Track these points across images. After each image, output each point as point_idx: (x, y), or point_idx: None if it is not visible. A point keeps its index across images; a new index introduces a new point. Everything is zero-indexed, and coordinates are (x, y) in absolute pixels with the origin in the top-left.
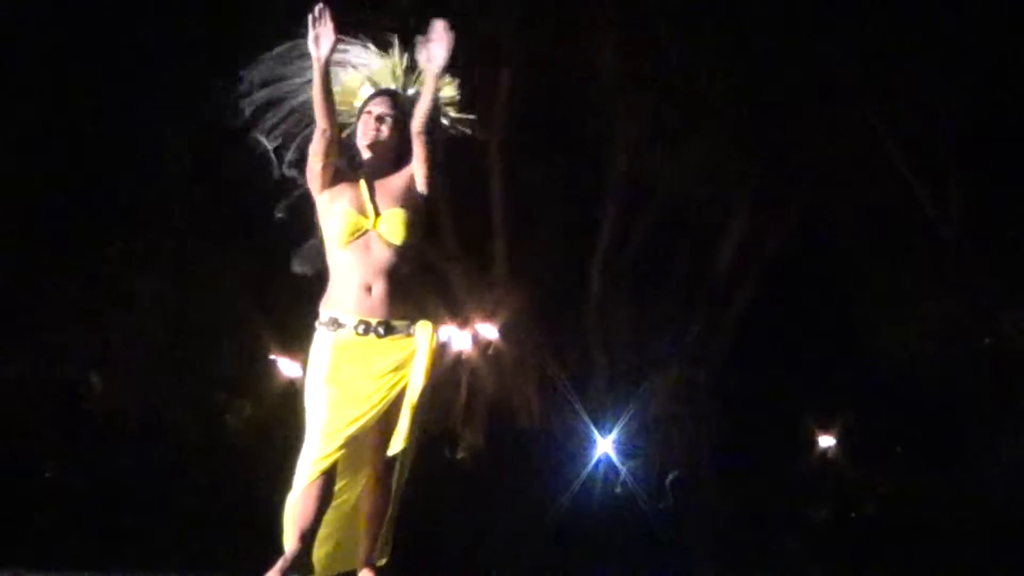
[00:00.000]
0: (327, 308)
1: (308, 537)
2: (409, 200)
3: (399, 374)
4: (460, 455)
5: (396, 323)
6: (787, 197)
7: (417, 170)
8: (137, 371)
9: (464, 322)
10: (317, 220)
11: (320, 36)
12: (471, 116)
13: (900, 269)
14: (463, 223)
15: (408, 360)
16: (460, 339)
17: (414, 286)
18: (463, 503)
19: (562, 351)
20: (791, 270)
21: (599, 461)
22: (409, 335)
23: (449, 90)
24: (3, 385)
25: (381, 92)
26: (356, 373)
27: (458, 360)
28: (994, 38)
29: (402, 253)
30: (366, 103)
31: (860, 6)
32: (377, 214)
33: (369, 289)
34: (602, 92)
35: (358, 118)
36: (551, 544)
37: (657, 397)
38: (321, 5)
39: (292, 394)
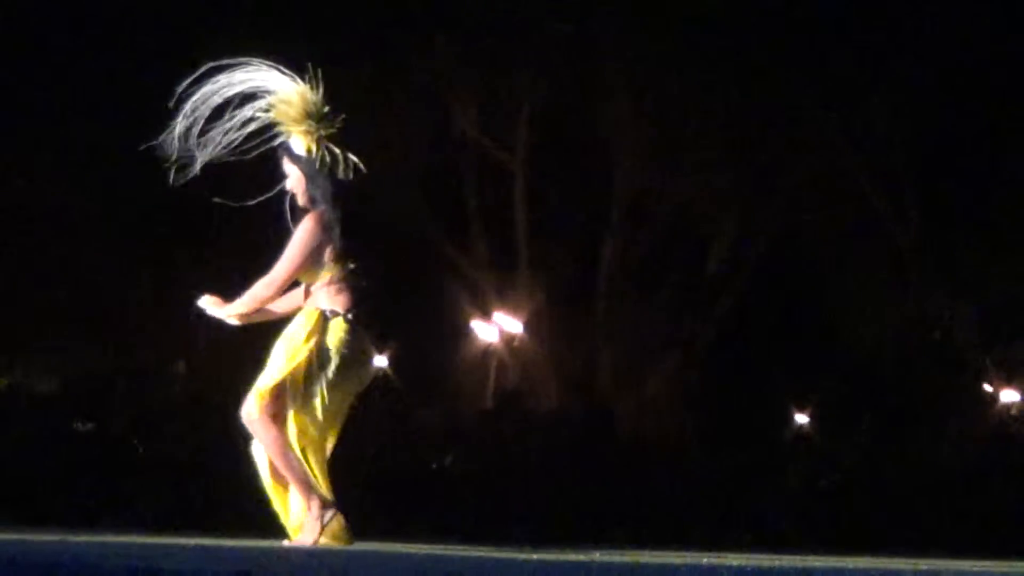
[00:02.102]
0: None
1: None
2: None
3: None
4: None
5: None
6: (767, 211)
7: None
8: (214, 358)
9: (491, 318)
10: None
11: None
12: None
13: (865, 273)
14: (491, 232)
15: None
16: (488, 332)
17: (316, 295)
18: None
19: (575, 341)
20: (772, 273)
21: (606, 435)
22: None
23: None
24: (103, 373)
25: (280, 151)
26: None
27: (486, 350)
28: (944, 65)
29: (309, 287)
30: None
31: (825, 44)
32: None
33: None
34: (610, 121)
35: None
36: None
37: (655, 380)
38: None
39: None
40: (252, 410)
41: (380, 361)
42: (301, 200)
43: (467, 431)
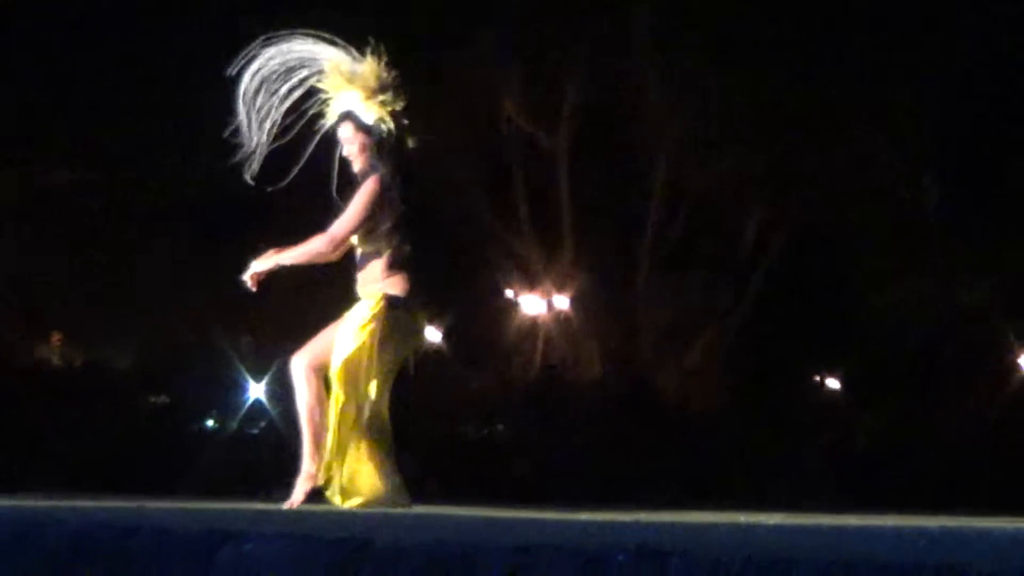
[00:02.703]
0: None
1: None
2: None
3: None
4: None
5: (362, 293)
6: (798, 189)
7: None
8: (273, 336)
9: (541, 293)
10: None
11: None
12: (397, 103)
13: (889, 253)
14: (537, 213)
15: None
16: (535, 306)
17: (375, 271)
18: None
19: (617, 317)
20: (803, 248)
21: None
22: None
23: (374, 83)
24: (171, 350)
25: (338, 119)
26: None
27: (534, 324)
28: (967, 54)
29: (364, 248)
30: (334, 127)
31: (851, 34)
32: None
33: (355, 272)
34: (649, 109)
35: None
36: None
37: (692, 352)
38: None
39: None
40: (303, 361)
41: (434, 334)
42: (359, 166)
43: (516, 400)
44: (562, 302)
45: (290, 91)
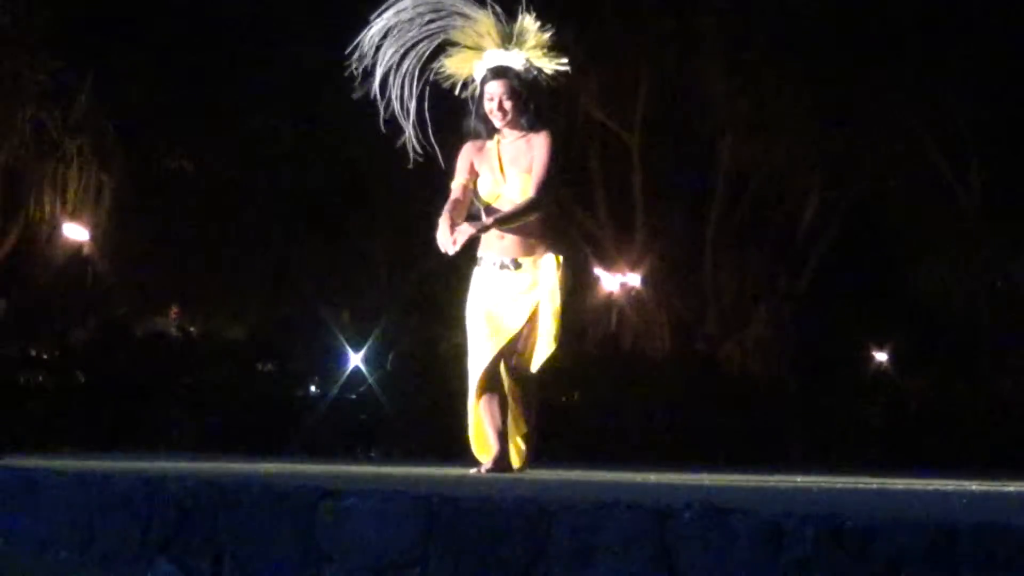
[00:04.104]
0: (479, 249)
1: (488, 446)
2: (528, 172)
3: (529, 298)
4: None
5: (522, 260)
6: (850, 177)
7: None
8: (369, 311)
9: (614, 271)
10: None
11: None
12: (561, 60)
13: (935, 230)
14: (612, 198)
15: (534, 287)
16: (610, 283)
17: (539, 230)
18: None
19: (686, 294)
20: (855, 231)
21: (713, 374)
22: (536, 269)
23: (536, 39)
24: (278, 322)
25: (494, 74)
26: (494, 301)
27: (609, 300)
28: (1007, 50)
29: None
30: (483, 85)
31: (900, 31)
32: (505, 180)
33: (503, 236)
34: (714, 100)
35: (480, 94)
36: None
37: (755, 325)
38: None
39: None
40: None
41: None
42: (516, 122)
43: (592, 370)
44: (634, 280)
45: (426, 42)
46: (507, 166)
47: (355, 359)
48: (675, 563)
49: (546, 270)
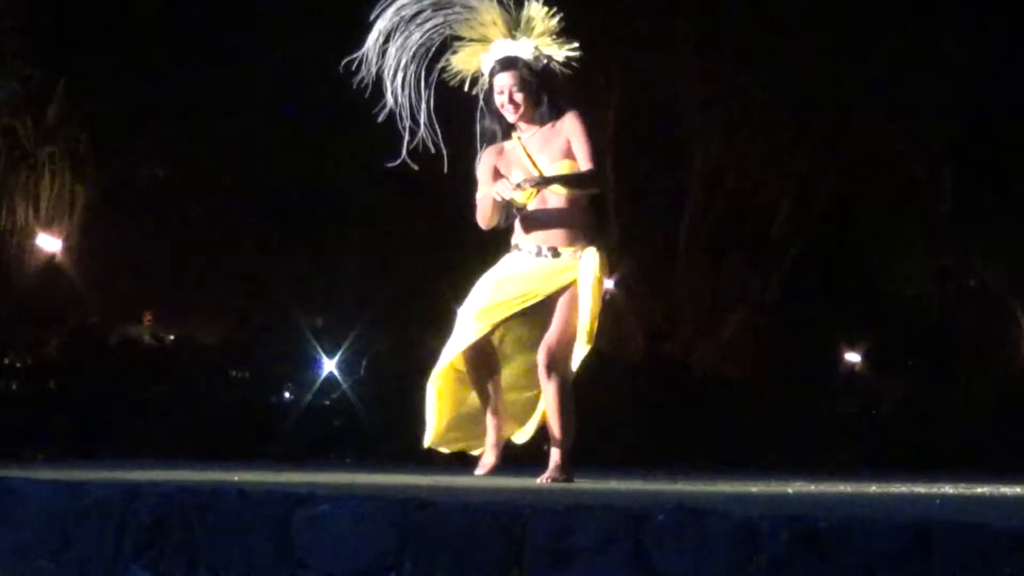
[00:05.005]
0: (514, 237)
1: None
2: (566, 153)
3: (565, 279)
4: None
5: (563, 250)
6: (823, 182)
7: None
8: (348, 317)
9: None
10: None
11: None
12: (572, 45)
13: (909, 232)
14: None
15: (573, 275)
16: None
17: (582, 221)
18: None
19: (659, 297)
20: (828, 234)
21: (686, 377)
22: (575, 259)
23: (544, 25)
24: (252, 328)
25: (502, 66)
26: (518, 275)
27: None
28: (981, 52)
29: (571, 197)
30: (492, 79)
31: (874, 34)
32: (542, 174)
33: (544, 224)
34: (687, 105)
35: (489, 89)
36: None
37: (728, 329)
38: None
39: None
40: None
41: None
42: (530, 112)
43: None
44: (607, 284)
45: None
46: (538, 158)
47: (329, 365)
48: (650, 565)
49: (587, 263)
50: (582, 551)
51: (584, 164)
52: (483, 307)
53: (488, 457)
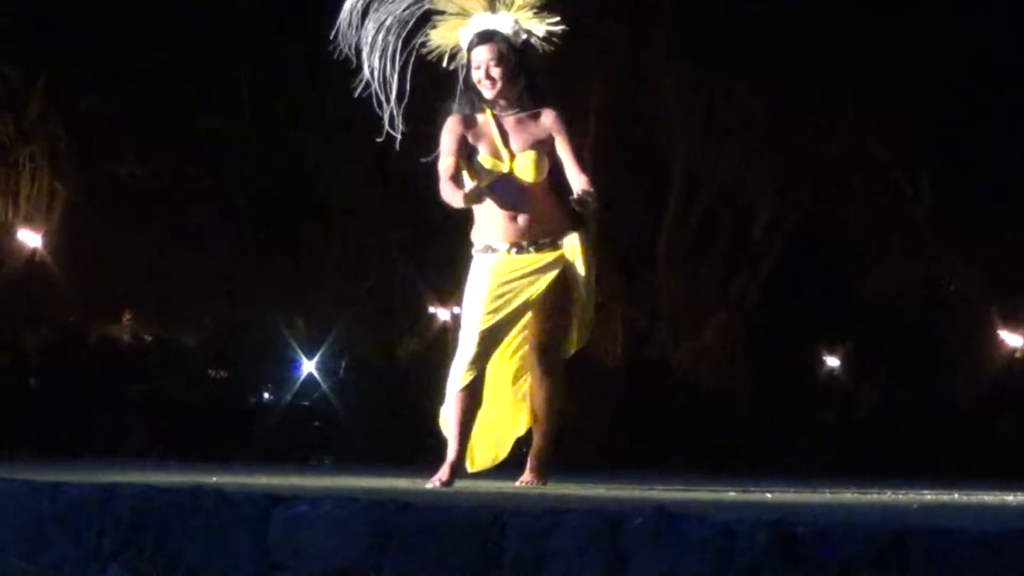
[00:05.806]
0: (480, 238)
1: (465, 438)
2: (540, 142)
3: (553, 271)
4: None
5: (542, 241)
6: (802, 186)
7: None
8: (327, 318)
9: None
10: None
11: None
12: (553, 19)
13: (887, 238)
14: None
15: (558, 262)
16: None
17: (555, 211)
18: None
19: (639, 301)
20: (806, 239)
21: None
22: (557, 247)
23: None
24: (232, 328)
25: (480, 39)
26: (514, 287)
27: None
28: (959, 55)
29: (539, 186)
30: (469, 53)
31: (853, 38)
32: (512, 157)
33: (515, 218)
34: (667, 109)
35: (467, 65)
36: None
37: (707, 332)
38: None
39: (446, 335)
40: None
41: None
42: (508, 91)
43: None
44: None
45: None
46: (513, 142)
47: (308, 366)
48: (628, 568)
49: (571, 247)
50: (560, 554)
51: (579, 170)
52: (489, 326)
53: (443, 473)
